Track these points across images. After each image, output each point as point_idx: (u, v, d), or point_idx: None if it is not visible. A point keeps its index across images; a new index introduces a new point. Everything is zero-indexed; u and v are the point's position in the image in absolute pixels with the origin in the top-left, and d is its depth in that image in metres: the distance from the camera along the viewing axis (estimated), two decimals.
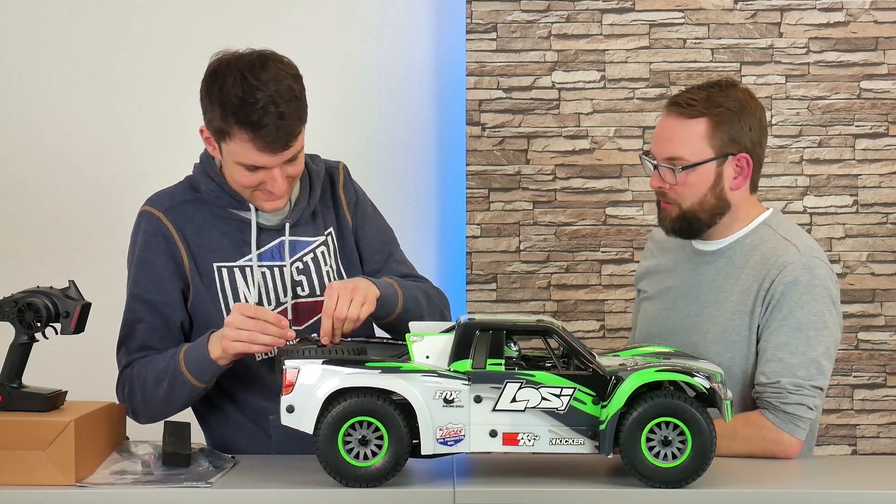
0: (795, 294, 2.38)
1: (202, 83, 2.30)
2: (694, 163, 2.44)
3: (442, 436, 1.95)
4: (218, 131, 2.28)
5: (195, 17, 3.46)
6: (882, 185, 3.42)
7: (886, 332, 3.41)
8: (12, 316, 2.10)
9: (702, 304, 2.50)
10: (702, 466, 1.94)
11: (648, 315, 2.61)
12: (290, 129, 2.24)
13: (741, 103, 2.46)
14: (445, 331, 2.05)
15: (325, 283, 2.39)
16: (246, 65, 2.24)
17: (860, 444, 3.40)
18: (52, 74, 3.45)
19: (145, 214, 2.39)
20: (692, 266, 2.55)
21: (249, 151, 2.24)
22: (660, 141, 2.48)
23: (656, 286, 2.61)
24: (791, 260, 2.39)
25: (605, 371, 1.97)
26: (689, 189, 2.45)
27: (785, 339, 2.37)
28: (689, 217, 2.47)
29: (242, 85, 2.22)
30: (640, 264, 2.72)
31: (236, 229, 2.38)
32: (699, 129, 2.44)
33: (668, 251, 2.63)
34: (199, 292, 2.35)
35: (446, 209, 3.45)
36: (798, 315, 2.38)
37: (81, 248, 3.42)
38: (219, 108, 2.25)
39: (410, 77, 3.43)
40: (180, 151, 3.41)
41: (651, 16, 3.43)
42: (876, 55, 3.42)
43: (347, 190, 2.49)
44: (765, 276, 2.41)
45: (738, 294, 2.45)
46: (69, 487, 1.98)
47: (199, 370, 2.25)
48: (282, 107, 2.22)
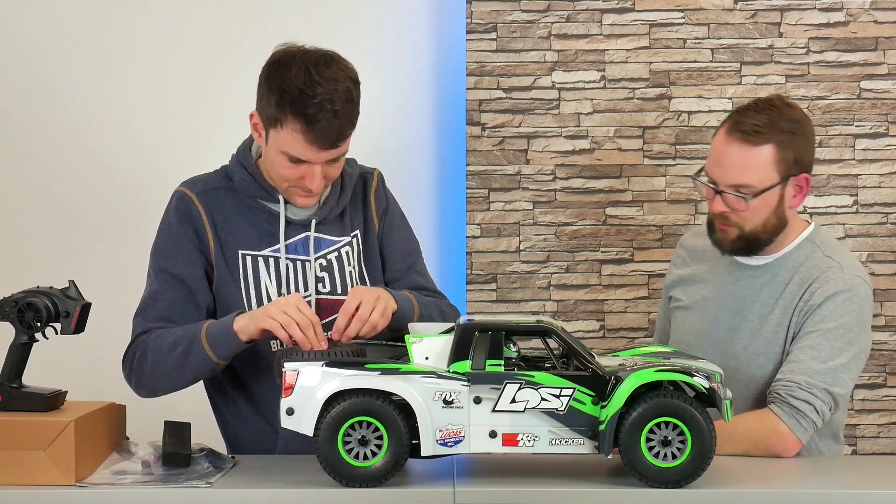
0: (831, 305, 2.43)
1: (263, 69, 2.35)
2: (762, 189, 2.45)
3: (441, 437, 1.95)
4: (270, 118, 2.32)
5: (194, 18, 3.45)
6: (882, 185, 3.42)
7: (886, 332, 3.41)
8: (12, 316, 2.10)
9: (745, 318, 2.52)
10: (701, 466, 1.94)
11: (686, 325, 2.60)
12: (341, 129, 2.29)
13: (801, 124, 2.49)
14: (445, 332, 2.05)
15: (346, 282, 2.44)
16: (311, 59, 2.30)
17: (860, 444, 3.40)
18: (53, 75, 3.45)
19: (178, 194, 2.45)
20: (734, 279, 2.56)
21: (297, 143, 2.29)
22: (725, 167, 2.46)
23: (693, 295, 2.62)
24: (833, 277, 2.46)
25: (605, 371, 1.97)
26: (755, 213, 2.47)
27: (811, 344, 2.41)
28: (750, 238, 2.50)
29: (305, 77, 2.27)
30: (670, 271, 2.74)
31: (264, 220, 2.43)
32: (767, 156, 2.44)
33: (703, 260, 2.63)
34: (224, 276, 2.40)
35: (446, 209, 3.45)
36: (829, 324, 2.42)
37: (82, 247, 3.42)
38: (277, 95, 2.29)
39: (410, 77, 3.43)
40: (181, 151, 3.44)
41: (651, 16, 3.43)
42: (876, 55, 3.41)
43: (378, 196, 2.54)
44: (806, 291, 2.46)
45: (781, 309, 2.50)
46: (69, 487, 1.98)
47: (218, 341, 2.26)
48: (338, 106, 2.27)
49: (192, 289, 2.39)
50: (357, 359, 2.02)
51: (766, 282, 2.53)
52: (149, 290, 2.41)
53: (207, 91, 3.45)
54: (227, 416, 2.49)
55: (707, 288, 2.60)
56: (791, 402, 2.35)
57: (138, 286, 2.46)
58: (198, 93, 3.46)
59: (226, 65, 3.42)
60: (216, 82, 3.44)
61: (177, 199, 2.44)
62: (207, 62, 3.45)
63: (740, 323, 2.52)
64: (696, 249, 2.67)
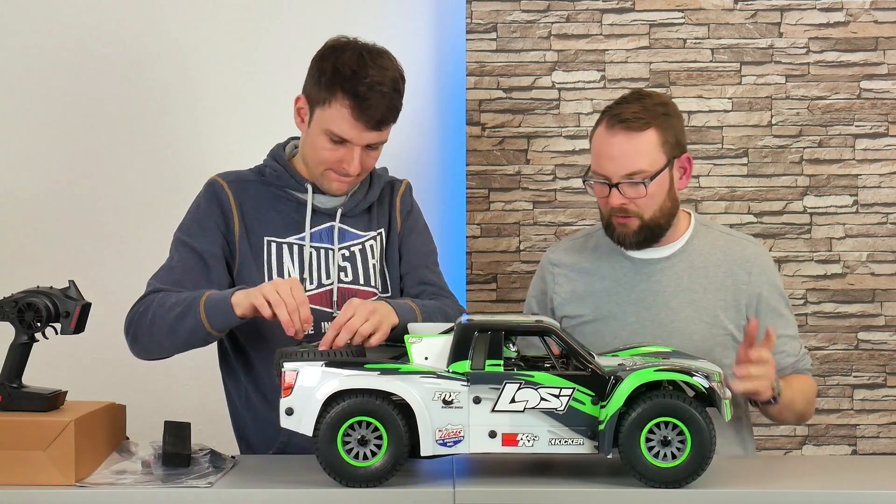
0: (774, 284, 2.62)
1: (317, 53, 2.46)
2: (655, 172, 2.50)
3: (441, 437, 1.95)
4: (318, 98, 2.43)
5: (192, 17, 3.45)
6: (882, 185, 3.42)
7: (886, 332, 3.41)
8: (12, 316, 2.10)
9: (673, 309, 2.56)
10: (701, 466, 1.94)
11: (604, 335, 2.58)
12: (385, 112, 2.41)
13: (670, 107, 2.58)
14: (444, 332, 2.05)
15: (369, 273, 2.51)
16: (364, 47, 2.44)
17: (860, 444, 3.40)
18: (53, 76, 3.44)
19: (211, 181, 2.54)
20: (643, 277, 2.59)
21: (343, 120, 2.39)
22: (614, 159, 2.51)
23: (597, 308, 2.61)
24: (754, 252, 2.63)
25: (604, 371, 1.97)
26: (652, 199, 2.53)
27: (784, 322, 2.60)
28: (651, 226, 2.55)
29: (359, 60, 2.40)
30: (553, 290, 2.69)
31: (292, 209, 2.51)
32: (651, 139, 2.51)
33: (588, 272, 2.64)
34: (247, 261, 2.46)
35: (446, 209, 3.45)
36: (781, 299, 2.63)
37: (82, 247, 3.42)
38: (329, 74, 2.41)
39: (410, 77, 3.40)
40: (181, 152, 3.43)
41: (651, 16, 3.43)
42: (876, 55, 3.42)
43: (405, 200, 2.63)
44: (738, 271, 2.58)
45: (714, 291, 2.57)
46: (69, 487, 1.98)
47: (214, 311, 2.30)
48: (386, 90, 2.40)
49: (208, 264, 2.45)
50: (356, 359, 2.02)
51: (682, 270, 2.59)
52: (167, 260, 2.49)
53: (212, 97, 3.45)
54: (238, 403, 2.53)
55: (613, 295, 2.60)
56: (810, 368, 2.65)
57: (139, 286, 2.46)
58: (199, 94, 3.46)
59: (212, 73, 3.43)
60: (216, 91, 3.44)
61: (208, 186, 2.53)
62: (198, 62, 3.45)
63: (670, 316, 2.56)
64: (573, 264, 2.67)
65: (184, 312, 2.32)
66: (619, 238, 2.57)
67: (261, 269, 2.46)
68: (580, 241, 2.73)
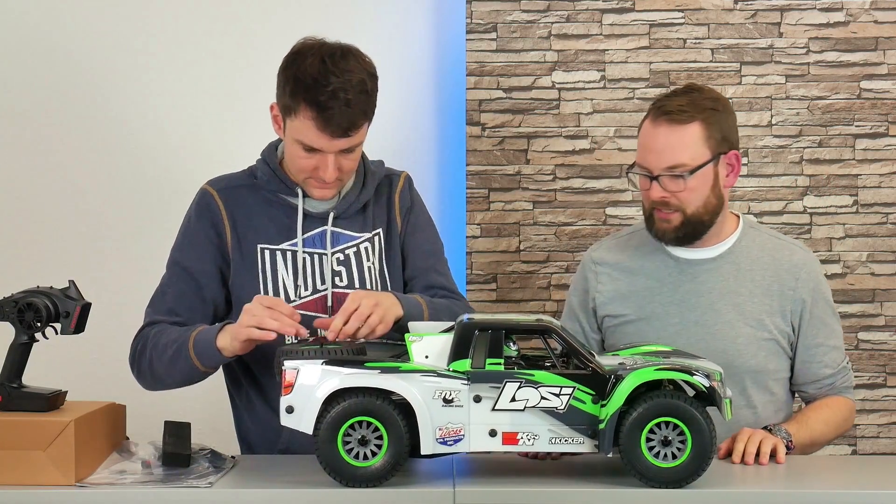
0: (820, 291, 2.56)
1: (283, 60, 2.40)
2: (696, 166, 2.45)
3: (441, 436, 1.95)
4: (286, 107, 2.38)
5: (190, 17, 3.45)
6: (882, 185, 3.42)
7: (886, 332, 3.41)
8: (12, 316, 2.10)
9: (718, 312, 2.52)
10: (701, 466, 1.94)
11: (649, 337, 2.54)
12: (352, 118, 2.33)
13: (721, 102, 2.53)
14: (444, 331, 2.05)
15: (364, 277, 2.47)
16: (327, 51, 2.36)
17: (860, 444, 3.40)
18: (53, 77, 3.44)
19: (201, 191, 2.51)
20: (688, 277, 2.55)
21: (310, 131, 2.34)
22: (656, 151, 2.48)
23: (639, 308, 2.58)
24: (802, 258, 2.57)
25: (605, 370, 1.97)
26: (694, 193, 2.48)
27: (827, 332, 2.56)
28: (693, 222, 2.50)
29: (319, 67, 2.32)
30: (592, 291, 2.64)
31: (284, 214, 2.47)
32: (695, 133, 2.47)
33: (631, 271, 2.61)
34: (240, 271, 2.44)
35: (446, 209, 3.45)
36: (827, 308, 2.57)
37: (82, 247, 3.41)
38: (292, 83, 2.35)
39: (410, 77, 3.43)
40: (181, 152, 3.43)
41: (651, 16, 3.43)
42: (876, 55, 3.41)
43: (403, 196, 2.57)
44: (785, 276, 2.54)
45: (760, 295, 2.52)
46: (69, 487, 1.98)
47: (203, 352, 2.31)
48: (350, 95, 2.32)
49: (200, 283, 2.43)
50: (357, 357, 2.02)
51: (729, 272, 2.55)
52: (162, 281, 2.48)
53: (212, 98, 3.45)
54: (241, 406, 2.53)
55: (656, 296, 2.57)
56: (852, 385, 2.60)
57: (139, 286, 2.46)
58: (198, 96, 3.46)
59: (208, 72, 3.43)
60: (212, 89, 3.44)
61: (199, 197, 2.50)
62: (196, 64, 3.45)
63: (715, 318, 2.52)
64: (617, 264, 2.63)
65: (175, 356, 2.33)
66: (659, 233, 2.53)
67: (255, 277, 2.43)
68: (623, 239, 2.68)
